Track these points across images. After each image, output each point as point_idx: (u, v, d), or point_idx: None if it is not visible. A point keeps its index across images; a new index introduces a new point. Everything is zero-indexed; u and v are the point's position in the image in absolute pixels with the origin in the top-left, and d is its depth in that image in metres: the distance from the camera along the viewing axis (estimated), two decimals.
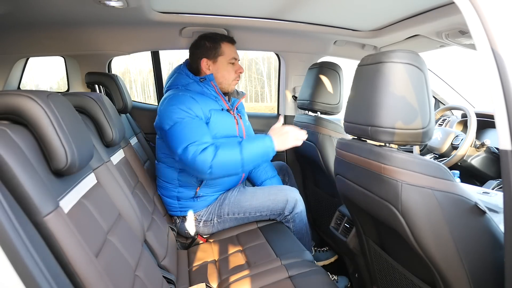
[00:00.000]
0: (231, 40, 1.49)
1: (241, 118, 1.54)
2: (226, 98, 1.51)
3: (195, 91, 1.41)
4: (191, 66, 1.49)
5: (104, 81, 1.60)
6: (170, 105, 1.34)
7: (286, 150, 1.42)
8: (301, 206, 1.46)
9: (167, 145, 1.36)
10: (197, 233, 1.47)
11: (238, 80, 1.52)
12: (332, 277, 1.50)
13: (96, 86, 1.64)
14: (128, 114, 1.81)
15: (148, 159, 1.74)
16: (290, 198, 1.43)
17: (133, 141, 1.63)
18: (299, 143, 1.34)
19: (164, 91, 1.53)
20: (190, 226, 1.47)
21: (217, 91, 1.45)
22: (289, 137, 1.32)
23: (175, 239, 1.41)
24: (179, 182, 1.45)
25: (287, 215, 1.45)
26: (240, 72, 1.51)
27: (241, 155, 1.26)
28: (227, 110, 1.47)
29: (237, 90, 1.60)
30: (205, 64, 1.44)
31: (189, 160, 1.25)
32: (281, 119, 1.42)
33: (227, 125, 1.45)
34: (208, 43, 1.44)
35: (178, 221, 1.49)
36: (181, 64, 1.51)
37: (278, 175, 1.73)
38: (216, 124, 1.39)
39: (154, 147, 1.93)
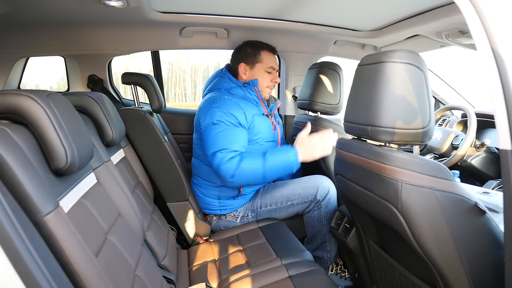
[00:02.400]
0: (272, 50, 1.54)
1: (278, 124, 1.60)
2: (266, 103, 1.56)
3: (238, 96, 1.45)
4: (231, 69, 1.54)
5: (141, 81, 1.61)
6: (213, 106, 1.37)
7: None
8: (334, 193, 1.43)
9: (201, 142, 1.41)
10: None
11: (271, 89, 1.56)
12: (338, 266, 1.51)
13: (132, 86, 1.64)
14: (159, 114, 1.81)
15: (178, 158, 1.75)
16: (321, 185, 1.42)
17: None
18: (328, 151, 1.32)
19: (203, 94, 1.58)
20: (228, 224, 1.51)
21: (259, 96, 1.50)
22: (317, 149, 1.30)
23: (175, 239, 1.41)
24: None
25: (320, 200, 1.41)
26: (276, 82, 1.55)
27: (263, 168, 1.29)
28: (266, 115, 1.52)
29: (274, 97, 1.64)
30: (243, 69, 1.50)
31: (214, 165, 1.31)
32: (308, 126, 1.38)
33: (267, 130, 1.49)
34: (249, 49, 1.50)
35: (214, 218, 1.52)
36: (223, 69, 1.56)
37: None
38: (259, 129, 1.44)
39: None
